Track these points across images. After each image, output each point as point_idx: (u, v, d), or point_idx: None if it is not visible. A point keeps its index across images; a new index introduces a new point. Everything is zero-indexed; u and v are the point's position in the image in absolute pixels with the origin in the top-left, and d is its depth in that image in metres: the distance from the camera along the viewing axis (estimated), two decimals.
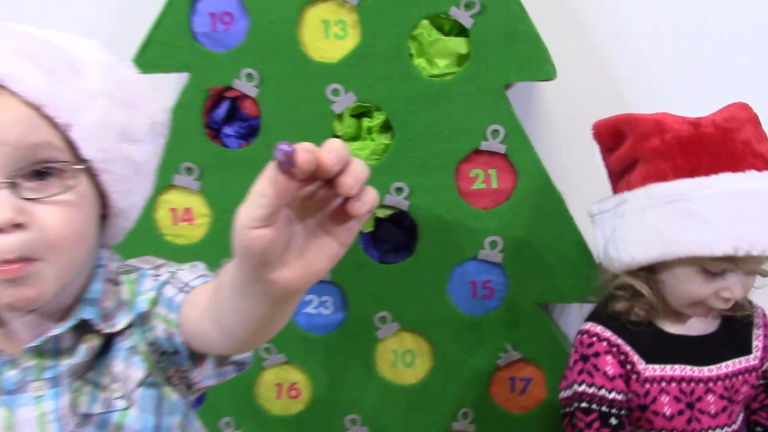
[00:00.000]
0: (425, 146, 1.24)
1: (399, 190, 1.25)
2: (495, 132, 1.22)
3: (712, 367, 1.07)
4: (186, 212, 1.30)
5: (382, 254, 1.33)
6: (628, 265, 1.04)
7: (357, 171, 0.47)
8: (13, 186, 0.65)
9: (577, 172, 1.42)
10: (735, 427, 1.09)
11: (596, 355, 1.06)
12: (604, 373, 1.05)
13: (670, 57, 1.41)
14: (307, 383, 1.36)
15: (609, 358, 1.06)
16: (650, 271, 1.04)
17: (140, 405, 0.76)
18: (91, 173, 0.71)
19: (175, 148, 1.19)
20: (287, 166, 0.44)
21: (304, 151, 0.45)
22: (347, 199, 0.48)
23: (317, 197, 0.50)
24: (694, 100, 1.35)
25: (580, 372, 1.08)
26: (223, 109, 1.28)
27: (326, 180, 0.48)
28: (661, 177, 1.01)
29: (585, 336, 1.09)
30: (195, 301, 0.70)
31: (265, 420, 1.37)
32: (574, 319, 1.48)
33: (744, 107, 1.07)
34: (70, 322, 0.72)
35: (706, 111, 1.10)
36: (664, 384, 1.06)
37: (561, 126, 1.45)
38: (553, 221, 1.25)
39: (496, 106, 1.22)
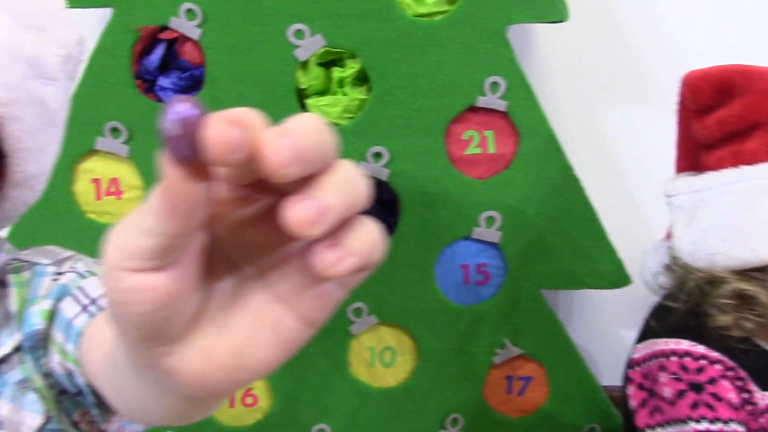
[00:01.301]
0: (409, 102, 1.11)
1: (377, 156, 1.10)
2: (494, 85, 1.09)
3: None
4: (112, 183, 1.16)
5: None
6: (743, 262, 0.85)
7: (336, 187, 0.27)
8: None
9: (582, 135, 1.28)
10: None
11: (712, 381, 0.87)
12: (729, 403, 0.86)
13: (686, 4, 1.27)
14: (266, 389, 1.23)
15: (727, 383, 0.87)
16: (763, 271, 0.87)
17: None
18: None
19: (97, 103, 1.09)
20: (184, 148, 0.25)
21: (223, 123, 0.25)
22: (313, 243, 0.28)
23: (265, 226, 0.30)
24: (710, 52, 1.22)
25: (694, 405, 0.88)
26: (157, 55, 1.11)
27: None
28: None
29: (688, 359, 0.89)
30: (99, 334, 0.49)
31: None
32: (577, 308, 1.34)
33: None
34: None
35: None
36: (761, 418, 0.89)
37: (562, 79, 1.30)
38: (561, 193, 1.13)
39: (495, 54, 1.08)
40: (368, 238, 0.28)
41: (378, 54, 1.07)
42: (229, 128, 0.24)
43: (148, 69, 1.09)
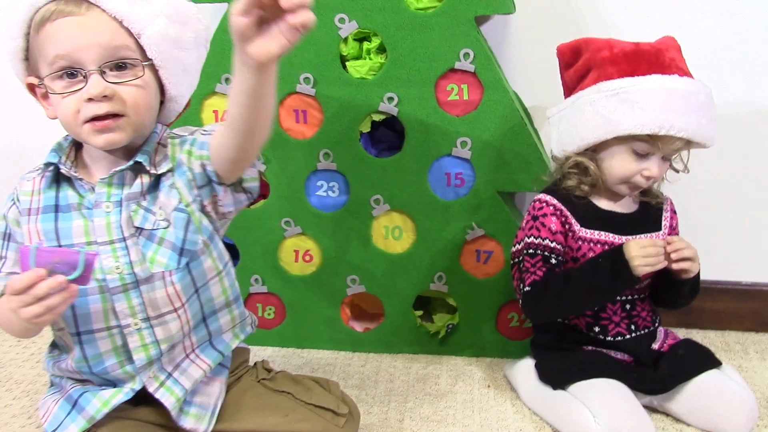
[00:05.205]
0: (412, 65, 1.46)
1: (390, 99, 1.48)
2: (466, 54, 1.45)
3: (629, 237, 1.36)
4: (225, 113, 1.48)
5: (378, 152, 1.60)
6: (578, 146, 1.31)
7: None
8: (102, 73, 0.97)
9: (541, 88, 1.68)
10: (643, 284, 1.38)
11: (544, 216, 1.35)
12: (549, 229, 1.34)
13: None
14: (318, 250, 1.60)
15: (553, 218, 1.34)
16: (593, 152, 1.32)
17: (174, 224, 1.04)
18: (153, 68, 1.02)
19: (217, 62, 1.48)
20: None
21: None
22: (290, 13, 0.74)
23: (275, 10, 0.77)
24: (638, 35, 1.56)
25: (530, 228, 1.36)
26: None
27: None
28: (609, 77, 1.29)
29: (537, 202, 1.37)
30: (215, 134, 1.01)
31: (285, 278, 1.62)
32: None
33: (672, 39, 1.35)
34: (129, 163, 1.03)
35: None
36: (591, 244, 1.35)
37: (529, 52, 1.71)
38: (511, 126, 1.49)
39: (467, 34, 1.44)
40: (305, 16, 0.76)
41: (392, 33, 1.45)
42: None
43: None
